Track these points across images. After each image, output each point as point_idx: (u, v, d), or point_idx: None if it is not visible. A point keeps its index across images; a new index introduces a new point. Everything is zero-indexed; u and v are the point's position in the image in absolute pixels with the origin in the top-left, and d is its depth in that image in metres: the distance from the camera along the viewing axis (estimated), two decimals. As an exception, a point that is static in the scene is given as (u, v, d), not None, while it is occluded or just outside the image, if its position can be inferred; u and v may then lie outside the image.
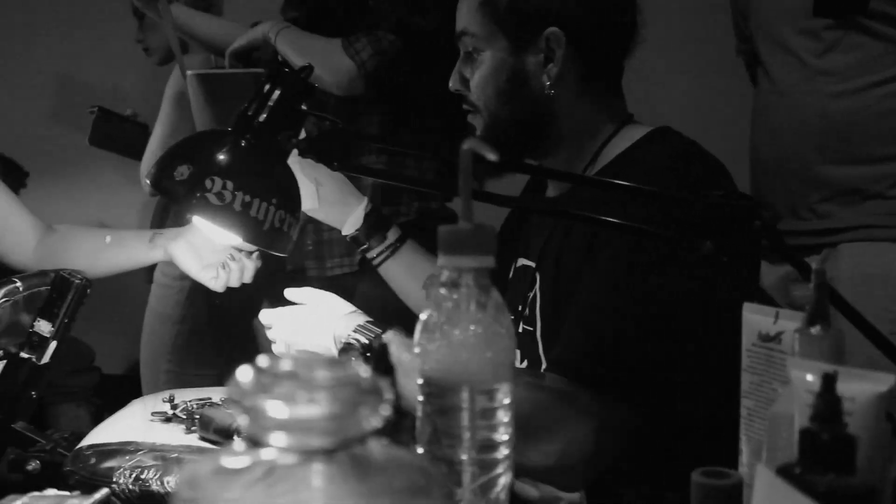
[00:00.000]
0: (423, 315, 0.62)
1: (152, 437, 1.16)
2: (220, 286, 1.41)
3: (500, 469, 0.61)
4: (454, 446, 0.60)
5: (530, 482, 1.00)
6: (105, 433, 1.19)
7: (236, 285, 1.42)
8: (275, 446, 0.37)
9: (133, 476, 1.06)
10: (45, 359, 1.26)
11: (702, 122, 2.18)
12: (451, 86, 1.22)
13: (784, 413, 0.64)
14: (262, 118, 1.02)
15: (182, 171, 1.00)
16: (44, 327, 1.25)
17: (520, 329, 1.19)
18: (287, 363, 0.39)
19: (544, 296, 1.17)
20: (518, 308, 1.20)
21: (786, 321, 0.70)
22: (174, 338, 2.17)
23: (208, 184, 0.99)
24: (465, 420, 0.60)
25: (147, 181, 1.06)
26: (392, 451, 0.39)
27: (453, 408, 0.60)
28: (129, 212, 3.06)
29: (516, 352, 1.16)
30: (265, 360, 0.40)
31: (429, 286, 1.40)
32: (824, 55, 1.63)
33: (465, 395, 0.60)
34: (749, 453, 0.74)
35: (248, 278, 1.43)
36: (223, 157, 1.02)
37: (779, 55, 1.71)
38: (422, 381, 0.61)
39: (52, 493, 0.84)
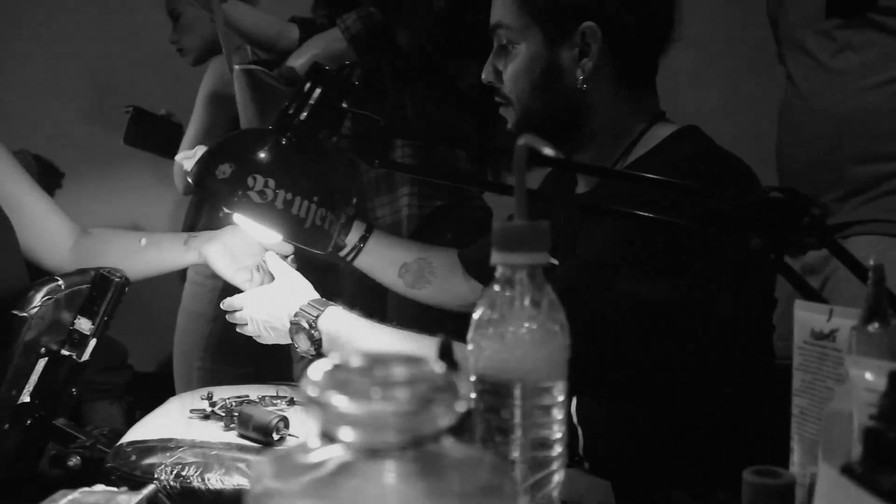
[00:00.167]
0: (477, 312, 0.61)
1: (191, 434, 1.16)
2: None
3: (553, 466, 0.61)
4: (507, 444, 0.60)
5: None
6: (144, 430, 1.20)
7: None
8: (347, 443, 0.37)
9: (174, 473, 1.07)
10: (86, 356, 1.27)
11: (738, 122, 2.18)
12: (483, 78, 1.22)
13: (841, 411, 0.63)
14: (303, 116, 1.02)
15: (224, 170, 1.00)
16: (84, 325, 1.26)
17: None
18: (361, 360, 0.39)
19: None
20: None
21: (841, 318, 0.69)
22: (207, 336, 2.19)
23: (250, 182, 0.99)
24: (519, 418, 0.60)
25: (189, 179, 1.07)
26: (465, 449, 0.38)
27: (507, 405, 0.59)
28: (161, 211, 3.08)
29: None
30: (339, 356, 0.40)
31: (404, 274, 1.49)
32: (838, 55, 1.63)
33: (518, 392, 0.59)
34: (801, 452, 0.73)
35: None
36: (265, 155, 1.02)
37: (799, 58, 1.71)
38: (475, 378, 0.61)
39: (100, 488, 0.84)
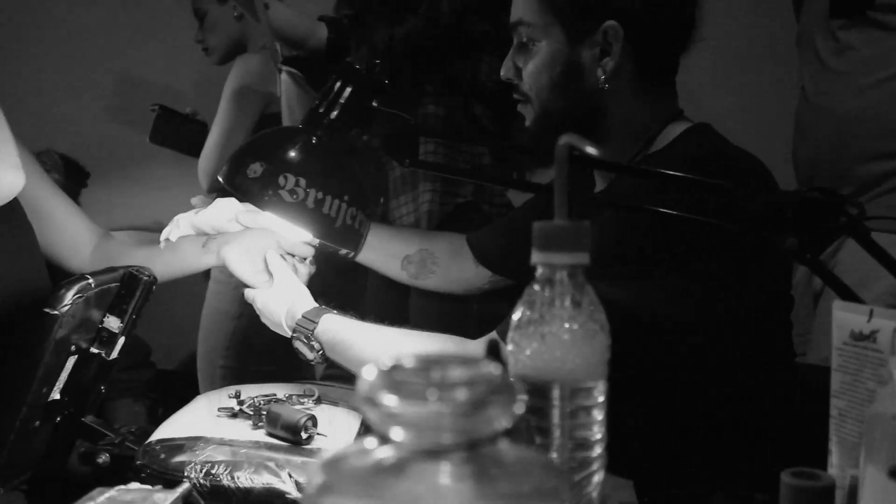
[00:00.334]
0: (517, 313, 0.61)
1: (220, 432, 1.17)
2: None
3: (594, 467, 0.60)
4: (547, 445, 0.60)
5: None
6: (172, 428, 1.20)
7: None
8: (403, 444, 0.37)
9: (204, 471, 1.07)
10: (114, 354, 1.28)
11: (757, 121, 2.16)
12: (502, 75, 1.21)
13: (884, 413, 0.62)
14: (334, 115, 1.02)
15: (255, 169, 1.00)
16: (113, 323, 1.26)
17: None
18: (418, 360, 0.39)
19: None
20: None
21: (881, 319, 0.68)
22: (231, 334, 2.20)
23: (281, 181, 0.99)
24: (559, 418, 0.59)
25: (220, 178, 1.07)
26: (521, 451, 0.38)
27: (547, 406, 0.59)
28: (185, 210, 3.09)
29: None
30: (397, 357, 0.40)
31: (407, 266, 1.49)
32: (841, 55, 1.63)
33: (558, 393, 0.59)
34: (840, 454, 0.72)
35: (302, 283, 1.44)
36: (296, 154, 1.03)
37: (808, 59, 1.72)
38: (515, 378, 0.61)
39: (136, 486, 0.85)
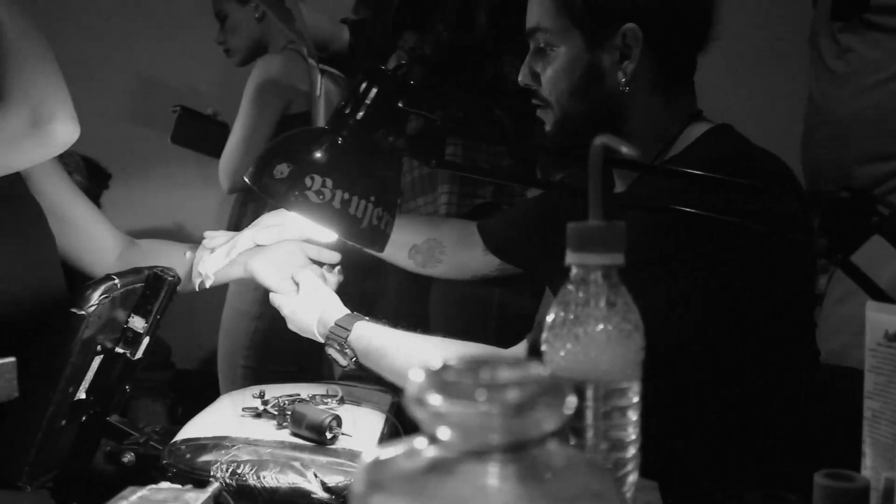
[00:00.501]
0: (551, 313, 0.61)
1: (244, 432, 1.17)
2: None
3: (628, 468, 0.60)
4: (582, 445, 0.59)
5: None
6: (197, 428, 1.20)
7: None
8: (451, 444, 0.37)
9: (230, 471, 1.07)
10: (139, 354, 1.29)
11: (773, 121, 2.15)
12: (520, 80, 1.21)
13: (921, 415, 0.62)
14: (359, 116, 1.02)
15: (282, 170, 1.00)
16: (137, 323, 1.27)
17: None
18: (467, 361, 0.39)
19: None
20: None
21: (917, 320, 0.68)
22: (252, 334, 2.21)
23: (308, 182, 1.00)
24: (593, 419, 0.59)
25: (246, 179, 1.07)
26: (570, 453, 0.38)
27: (581, 407, 0.59)
28: (205, 210, 3.11)
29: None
30: (446, 358, 0.40)
31: (414, 255, 1.51)
32: (841, 57, 1.64)
33: (593, 393, 0.59)
34: (874, 456, 0.72)
35: None
36: (322, 155, 1.03)
37: (814, 61, 1.73)
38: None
39: (166, 485, 0.85)
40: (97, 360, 1.23)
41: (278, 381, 1.44)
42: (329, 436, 1.13)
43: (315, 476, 1.06)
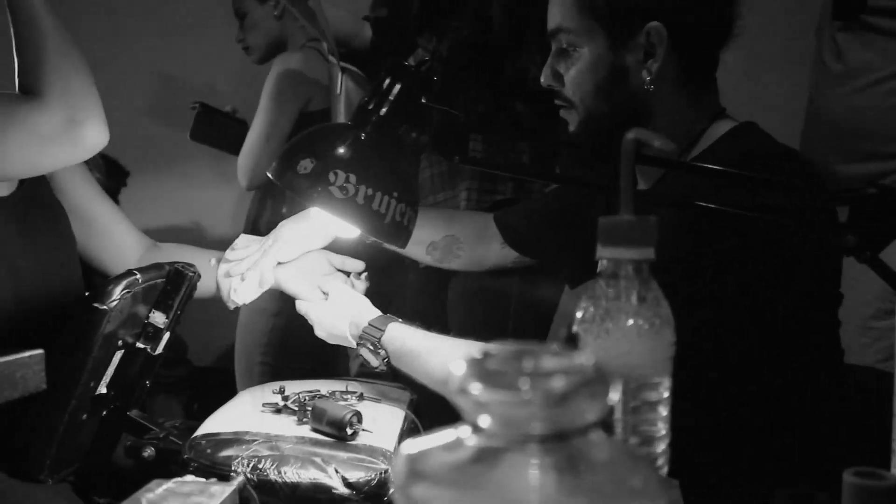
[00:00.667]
0: (581, 307, 0.61)
1: (265, 427, 1.17)
2: None
3: (658, 463, 0.60)
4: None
5: None
6: (217, 423, 1.21)
7: None
8: (493, 433, 0.36)
9: (251, 465, 1.08)
10: (159, 349, 1.29)
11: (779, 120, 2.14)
12: (543, 82, 1.21)
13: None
14: (383, 112, 1.02)
15: (305, 165, 1.00)
16: (158, 319, 1.27)
17: None
18: (511, 350, 0.39)
19: None
20: None
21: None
22: (269, 331, 2.21)
23: (332, 177, 1.00)
24: (623, 413, 0.59)
25: (269, 175, 1.07)
26: (614, 445, 0.38)
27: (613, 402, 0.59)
28: (223, 208, 3.11)
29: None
30: (489, 347, 0.40)
31: (432, 251, 1.51)
32: (838, 58, 1.65)
33: (623, 388, 0.59)
34: (904, 455, 0.71)
35: None
36: (346, 150, 1.03)
37: (816, 63, 1.74)
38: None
39: (190, 479, 0.85)
40: (118, 355, 1.23)
41: (295, 377, 1.44)
42: (350, 432, 1.13)
43: (336, 471, 1.06)
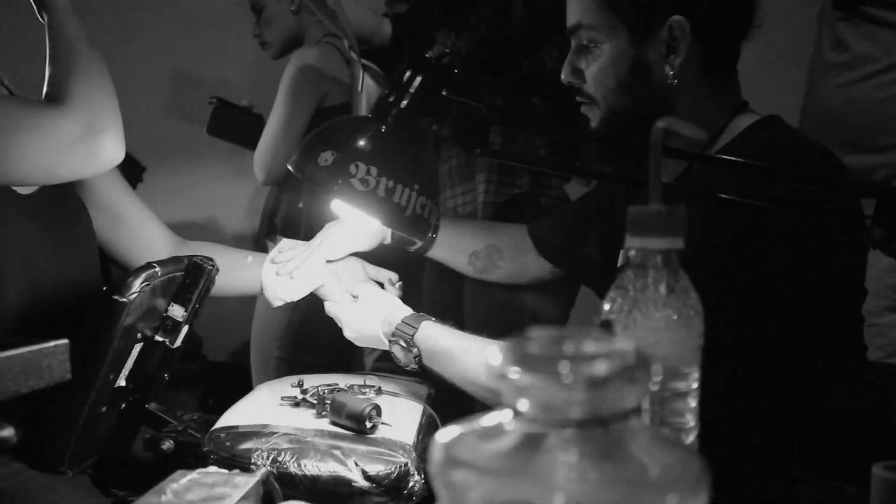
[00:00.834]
0: (608, 299, 0.60)
1: (284, 420, 1.18)
2: None
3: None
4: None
5: None
6: (236, 416, 1.21)
7: None
8: (532, 418, 0.36)
9: (270, 458, 1.08)
10: (178, 342, 1.29)
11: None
12: (563, 79, 1.20)
13: None
14: (403, 104, 1.02)
15: (326, 157, 1.00)
16: (177, 312, 1.28)
17: None
18: (550, 335, 0.38)
19: None
20: None
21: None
22: (286, 325, 2.21)
23: (353, 169, 1.00)
24: (651, 403, 0.58)
25: (290, 167, 1.07)
26: (654, 432, 0.37)
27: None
28: (238, 203, 3.12)
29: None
30: (529, 332, 0.39)
31: (474, 261, 1.51)
32: (835, 48, 1.63)
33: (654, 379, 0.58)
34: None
35: None
36: (366, 143, 1.03)
37: (815, 52, 1.72)
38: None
39: (214, 469, 0.85)
40: (137, 348, 1.24)
41: (311, 372, 1.44)
42: (369, 425, 1.13)
43: (356, 464, 1.06)
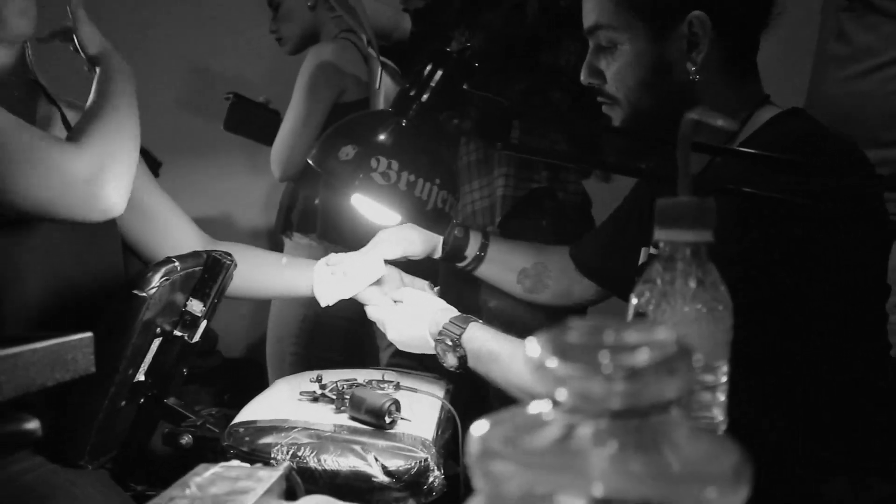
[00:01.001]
0: (637, 290, 0.60)
1: (303, 415, 1.18)
2: None
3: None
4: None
5: None
6: (255, 411, 1.21)
7: None
8: (571, 408, 0.36)
9: (290, 453, 1.08)
10: (196, 337, 1.29)
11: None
12: (583, 80, 1.19)
13: None
14: (424, 98, 1.02)
15: (347, 152, 1.00)
16: (196, 307, 1.28)
17: None
18: (590, 325, 0.38)
19: None
20: None
21: None
22: (301, 320, 2.21)
23: (373, 164, 0.99)
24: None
25: (310, 161, 1.07)
26: (694, 425, 0.37)
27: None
28: (254, 198, 3.13)
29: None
30: (569, 323, 0.39)
31: (523, 279, 1.50)
32: (839, 39, 1.59)
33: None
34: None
35: None
36: (387, 137, 1.02)
37: (819, 44, 1.68)
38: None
39: (236, 463, 0.85)
40: (156, 343, 1.24)
41: (326, 367, 1.45)
42: (388, 420, 1.13)
43: (376, 460, 1.06)
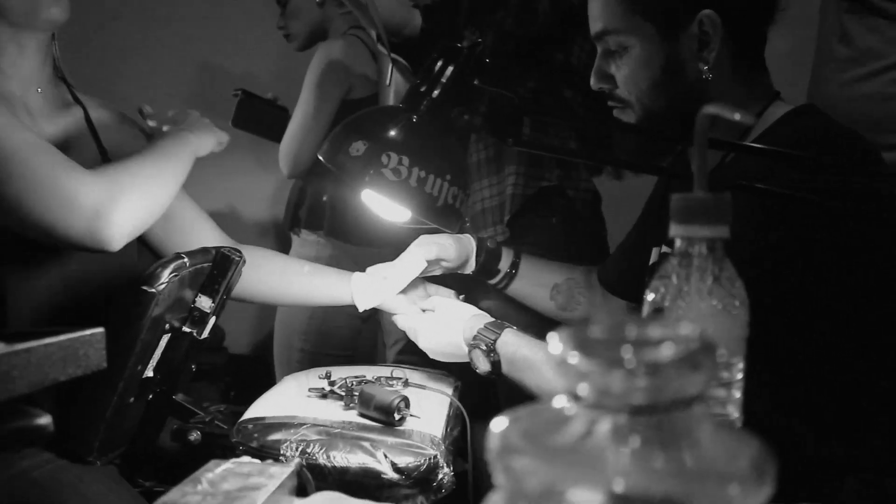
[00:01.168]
0: (652, 288, 0.59)
1: (312, 412, 1.17)
2: None
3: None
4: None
5: None
6: (263, 408, 1.21)
7: None
8: (593, 403, 0.35)
9: (299, 450, 1.08)
10: (205, 334, 1.29)
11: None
12: (593, 86, 1.18)
13: None
14: (435, 94, 1.02)
15: (358, 147, 1.00)
16: (204, 303, 1.28)
17: None
18: (612, 321, 0.37)
19: None
20: None
21: None
22: (308, 318, 2.21)
23: (384, 159, 0.99)
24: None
25: (320, 157, 1.07)
26: (717, 422, 0.36)
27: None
28: (261, 195, 3.13)
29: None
30: (591, 318, 0.39)
31: (556, 296, 1.49)
32: (841, 40, 1.57)
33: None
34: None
35: None
36: (398, 133, 1.02)
37: (820, 44, 1.66)
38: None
39: (247, 459, 0.85)
40: (165, 339, 1.24)
41: (334, 364, 1.45)
42: (397, 417, 1.13)
43: (385, 456, 1.05)
